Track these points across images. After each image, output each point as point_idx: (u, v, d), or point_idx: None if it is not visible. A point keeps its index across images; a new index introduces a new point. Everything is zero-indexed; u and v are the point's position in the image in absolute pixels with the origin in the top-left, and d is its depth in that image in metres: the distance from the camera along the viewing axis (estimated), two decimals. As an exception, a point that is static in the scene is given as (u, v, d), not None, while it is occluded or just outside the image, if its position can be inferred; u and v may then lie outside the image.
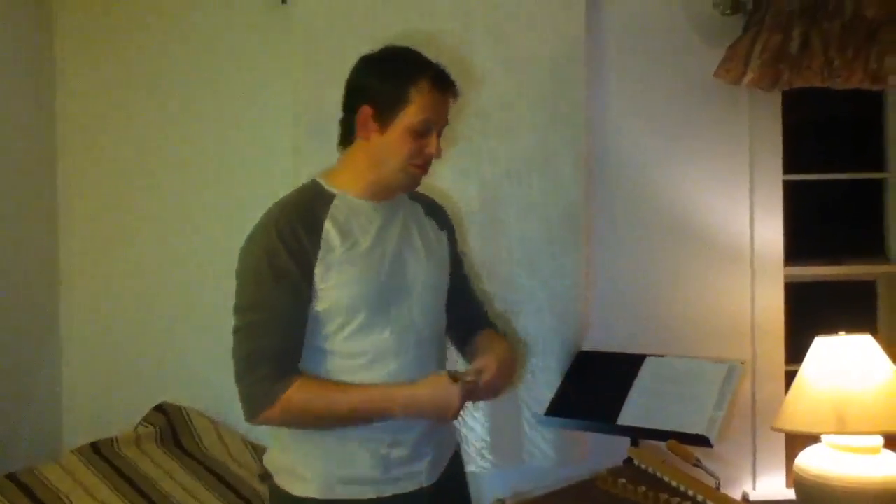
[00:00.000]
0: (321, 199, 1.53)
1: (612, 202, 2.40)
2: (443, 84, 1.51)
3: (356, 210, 1.54)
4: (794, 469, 2.08)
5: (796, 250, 2.49)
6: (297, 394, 1.44)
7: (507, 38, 2.28)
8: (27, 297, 2.31)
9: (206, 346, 2.37)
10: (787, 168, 2.45)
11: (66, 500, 1.93)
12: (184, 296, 2.42)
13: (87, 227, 2.44)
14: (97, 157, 2.44)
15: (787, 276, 2.44)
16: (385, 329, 1.51)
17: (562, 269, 2.27)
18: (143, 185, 2.43)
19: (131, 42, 2.42)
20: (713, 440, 1.88)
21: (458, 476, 1.70)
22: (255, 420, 1.45)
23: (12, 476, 1.95)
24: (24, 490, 1.92)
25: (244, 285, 1.49)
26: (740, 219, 2.41)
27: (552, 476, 2.03)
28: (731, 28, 2.33)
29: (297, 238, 1.45)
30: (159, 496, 2.01)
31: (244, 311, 1.48)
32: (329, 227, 1.49)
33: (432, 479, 1.56)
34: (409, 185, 1.58)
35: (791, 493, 2.16)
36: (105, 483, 2.01)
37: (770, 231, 2.41)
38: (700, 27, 2.39)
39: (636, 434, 2.00)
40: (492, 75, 2.26)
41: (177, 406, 2.33)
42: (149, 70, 2.42)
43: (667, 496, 1.53)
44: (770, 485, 2.39)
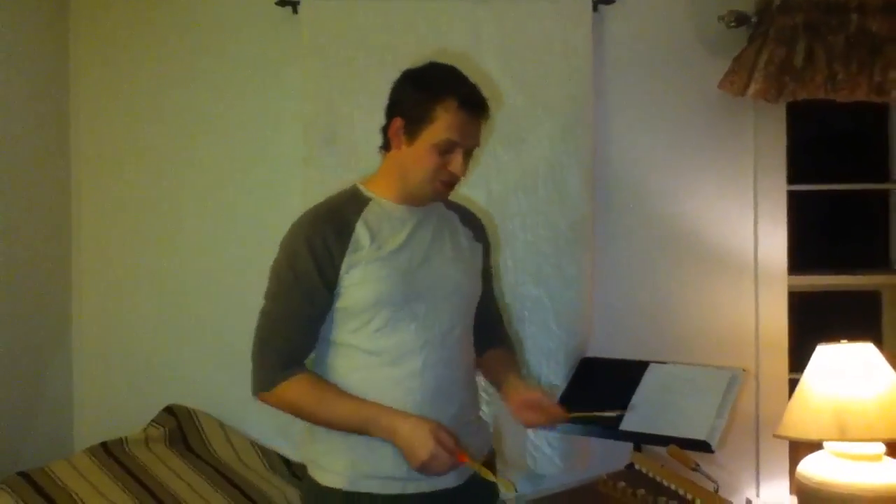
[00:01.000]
0: (356, 201, 1.60)
1: (617, 213, 2.42)
2: (471, 105, 1.54)
3: (389, 213, 1.59)
4: (797, 476, 2.09)
5: (802, 261, 2.51)
6: (292, 388, 1.53)
7: (515, 51, 2.31)
8: (40, 299, 2.35)
9: (216, 349, 2.41)
10: (793, 179, 2.47)
11: (76, 497, 1.96)
12: (194, 300, 2.46)
13: (100, 230, 2.48)
14: (110, 164, 2.48)
15: (791, 286, 2.45)
16: (409, 328, 1.55)
17: (568, 278, 2.30)
18: (156, 191, 2.47)
19: (144, 47, 2.47)
20: (714, 446, 1.90)
21: (488, 482, 1.72)
22: (255, 396, 1.56)
23: (24, 474, 1.99)
24: (36, 488, 1.96)
25: (272, 276, 1.58)
26: (744, 229, 2.43)
27: (557, 482, 2.05)
28: (736, 41, 2.36)
29: (323, 242, 1.52)
30: (167, 495, 2.03)
31: (267, 300, 1.57)
32: (360, 228, 1.55)
33: (460, 481, 1.58)
34: (434, 198, 1.62)
35: (795, 501, 2.17)
36: (114, 482, 2.04)
37: (774, 241, 2.43)
38: (705, 40, 2.42)
39: (639, 440, 2.02)
40: (500, 87, 2.29)
41: (185, 408, 2.36)
42: (161, 75, 2.47)
43: (665, 499, 1.55)
44: (773, 492, 2.39)
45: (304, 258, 1.52)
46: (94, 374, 2.47)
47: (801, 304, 2.51)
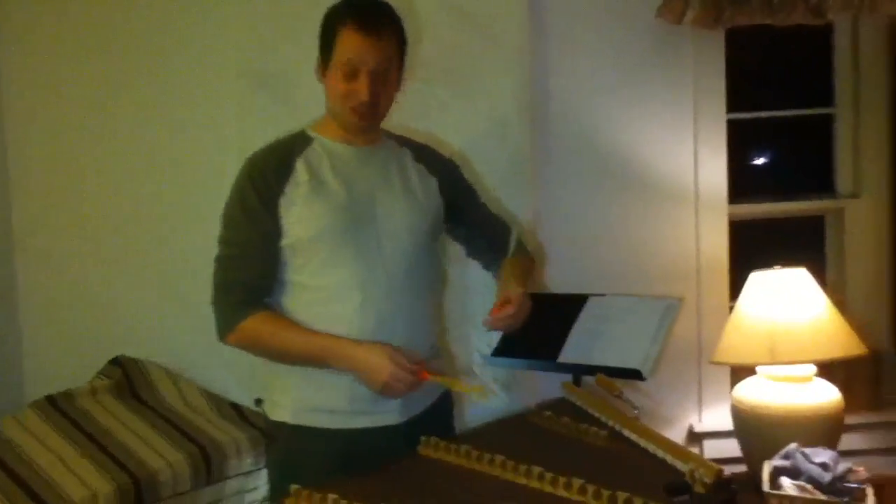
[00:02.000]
0: (300, 142, 1.65)
1: (556, 145, 2.41)
2: (365, 26, 1.54)
3: (332, 152, 1.63)
4: (732, 400, 2.13)
5: (747, 190, 2.51)
6: (252, 325, 1.56)
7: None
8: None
9: (164, 300, 2.40)
10: (734, 108, 2.45)
11: (19, 450, 1.98)
12: (138, 251, 2.43)
13: (40, 184, 2.44)
14: (45, 116, 2.42)
15: (733, 215, 2.47)
16: (349, 264, 1.57)
17: (509, 214, 2.29)
18: (92, 142, 2.42)
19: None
20: (646, 374, 1.92)
21: (442, 414, 1.76)
22: (221, 341, 1.60)
23: (-34, 429, 2.00)
24: (-20, 443, 1.97)
25: (224, 221, 1.63)
26: (685, 158, 2.43)
27: (502, 414, 2.08)
28: (673, -34, 2.32)
29: (264, 178, 1.58)
30: (114, 444, 2.04)
31: (221, 245, 1.62)
32: (299, 165, 1.59)
33: (405, 417, 1.62)
34: (355, 128, 1.63)
35: (733, 425, 2.22)
36: (59, 434, 2.05)
37: (714, 170, 2.43)
38: (642, -33, 2.38)
39: (576, 371, 2.04)
40: (434, 22, 2.25)
41: (132, 358, 2.36)
42: (94, 10, 2.39)
43: (586, 426, 1.58)
44: (715, 417, 2.44)
45: (250, 196, 1.57)
46: (41, 329, 2.46)
47: (746, 232, 2.52)
